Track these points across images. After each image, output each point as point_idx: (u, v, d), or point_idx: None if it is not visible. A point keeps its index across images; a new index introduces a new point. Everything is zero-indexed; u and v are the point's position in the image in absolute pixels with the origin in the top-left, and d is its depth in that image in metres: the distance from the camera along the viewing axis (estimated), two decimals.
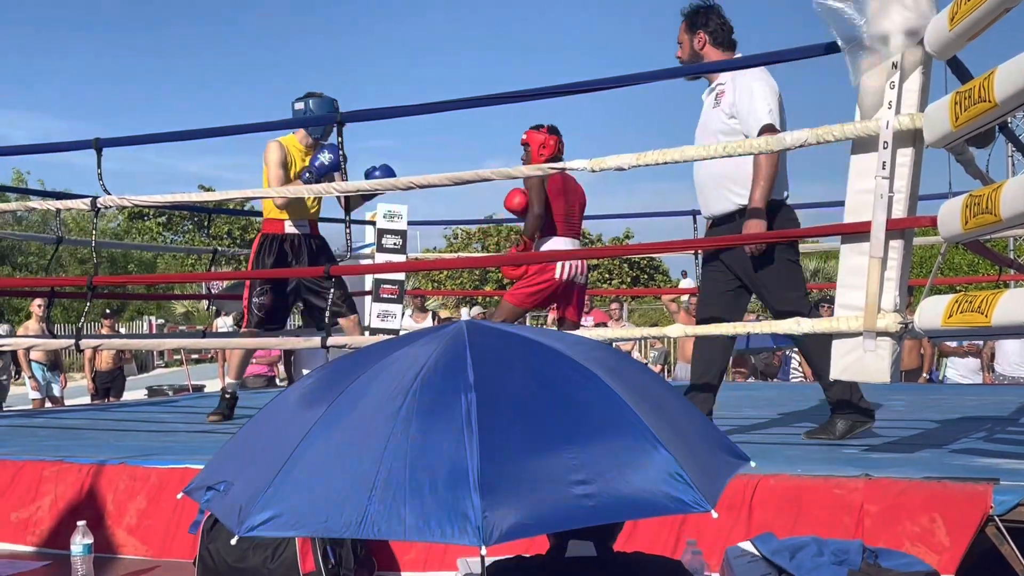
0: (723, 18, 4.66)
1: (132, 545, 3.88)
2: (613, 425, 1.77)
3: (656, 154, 4.26)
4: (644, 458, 1.73)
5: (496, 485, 1.62)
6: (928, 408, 5.97)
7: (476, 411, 1.71)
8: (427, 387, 1.79)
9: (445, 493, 1.63)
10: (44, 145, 8.77)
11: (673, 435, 1.81)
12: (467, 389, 1.75)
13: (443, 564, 3.43)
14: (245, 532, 1.69)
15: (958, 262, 19.42)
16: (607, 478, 1.70)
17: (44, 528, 4.03)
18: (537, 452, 1.71)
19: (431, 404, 1.76)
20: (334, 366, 2.08)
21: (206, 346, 5.67)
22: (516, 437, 1.72)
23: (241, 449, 2.01)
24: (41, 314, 10.73)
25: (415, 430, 1.72)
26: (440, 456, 1.67)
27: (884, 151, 3.62)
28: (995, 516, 2.91)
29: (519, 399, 1.79)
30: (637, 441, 1.75)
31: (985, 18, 3.11)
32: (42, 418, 6.99)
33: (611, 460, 1.72)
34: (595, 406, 1.80)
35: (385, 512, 1.64)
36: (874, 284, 3.65)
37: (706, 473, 1.82)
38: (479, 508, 1.58)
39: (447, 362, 1.84)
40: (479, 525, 1.57)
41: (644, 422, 1.76)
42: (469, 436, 1.67)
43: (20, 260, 31.42)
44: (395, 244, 9.19)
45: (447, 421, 1.71)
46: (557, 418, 1.77)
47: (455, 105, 5.26)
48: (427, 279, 29.67)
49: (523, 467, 1.68)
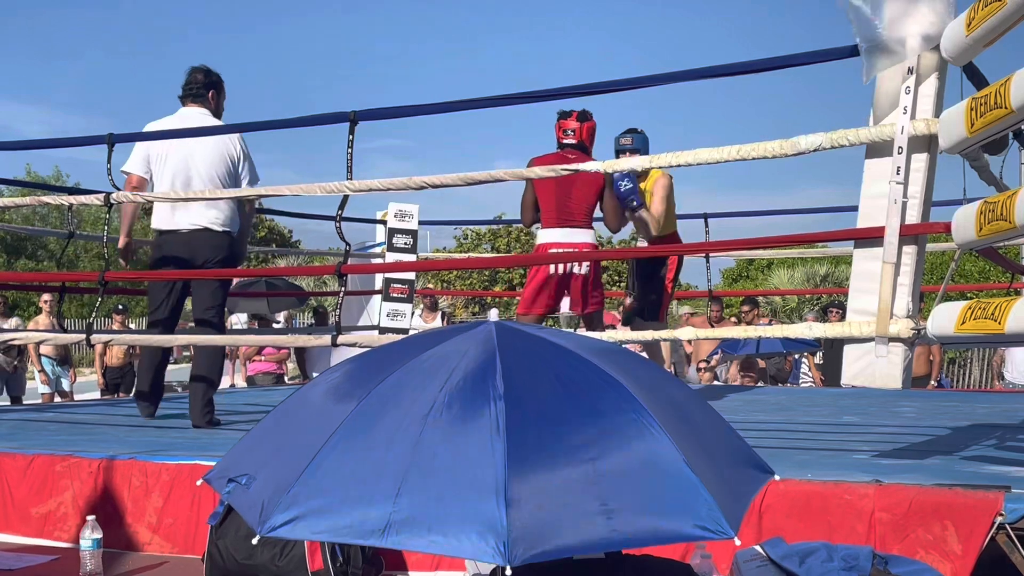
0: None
1: (153, 542, 3.89)
2: (640, 444, 1.75)
3: (668, 156, 4.26)
4: (670, 482, 1.71)
5: (522, 504, 1.60)
6: (938, 415, 5.94)
7: (505, 422, 1.68)
8: (456, 393, 1.77)
9: (471, 508, 1.60)
10: (58, 140, 8.77)
11: (700, 454, 1.79)
12: (496, 398, 1.73)
13: (452, 564, 3.42)
14: (267, 532, 1.67)
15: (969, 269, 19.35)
16: (633, 505, 1.68)
17: (53, 522, 4.04)
18: (564, 469, 1.69)
19: (460, 412, 1.74)
20: (362, 361, 2.05)
21: (216, 343, 5.66)
22: (544, 452, 1.69)
23: (265, 442, 1.97)
24: (49, 309, 10.78)
25: (442, 438, 1.70)
26: (467, 468, 1.65)
27: (899, 156, 3.61)
28: (1006, 524, 2.90)
29: (548, 410, 1.77)
30: (664, 463, 1.73)
31: (1002, 24, 3.10)
32: (52, 412, 7.01)
33: (637, 484, 1.71)
34: (623, 422, 1.78)
35: (409, 522, 1.61)
36: (887, 289, 3.64)
37: (731, 496, 1.80)
38: (505, 528, 1.56)
39: (477, 367, 1.82)
40: (505, 542, 1.54)
41: (671, 441, 1.74)
42: (498, 448, 1.65)
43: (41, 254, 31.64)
44: (406, 244, 9.20)
45: (475, 431, 1.69)
46: (585, 433, 1.75)
47: (468, 105, 5.26)
48: (436, 279, 29.68)
49: (550, 486, 1.66)
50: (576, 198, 5.86)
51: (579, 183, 5.81)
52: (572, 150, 5.84)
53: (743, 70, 4.56)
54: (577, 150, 5.84)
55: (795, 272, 23.90)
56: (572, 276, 5.83)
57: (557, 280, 5.82)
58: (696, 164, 4.33)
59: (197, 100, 5.67)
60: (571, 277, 5.83)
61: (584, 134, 5.88)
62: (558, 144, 5.93)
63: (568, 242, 5.84)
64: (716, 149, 4.27)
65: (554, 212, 5.83)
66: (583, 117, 5.89)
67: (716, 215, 8.95)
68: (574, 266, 5.79)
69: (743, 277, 29.47)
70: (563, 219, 5.84)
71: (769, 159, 4.25)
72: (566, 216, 5.85)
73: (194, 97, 5.67)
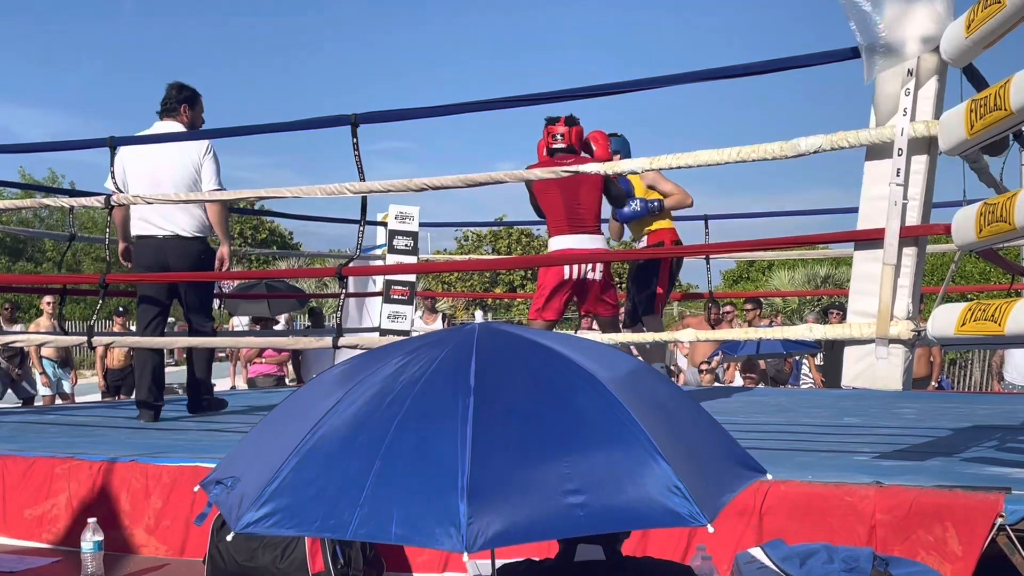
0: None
1: (150, 544, 3.89)
2: (611, 434, 1.76)
3: (669, 158, 4.27)
4: (640, 468, 1.71)
5: (484, 491, 1.61)
6: (939, 416, 5.94)
7: (472, 416, 1.70)
8: (428, 390, 1.80)
9: (433, 498, 1.62)
10: (59, 143, 8.80)
11: (676, 445, 1.80)
12: (466, 393, 1.75)
13: (456, 566, 3.43)
14: (240, 528, 1.71)
15: (969, 270, 19.36)
16: (600, 488, 1.68)
17: (55, 524, 4.04)
18: (530, 459, 1.70)
19: (430, 407, 1.76)
20: (350, 364, 2.08)
21: (217, 345, 5.69)
22: (510, 443, 1.71)
23: (252, 446, 2.03)
24: (51, 311, 10.79)
25: (411, 433, 1.73)
26: (432, 460, 1.67)
27: (899, 158, 3.62)
28: (1006, 525, 2.90)
29: (518, 405, 1.78)
30: (635, 451, 1.73)
31: (1002, 26, 3.10)
32: (52, 414, 7.01)
33: (605, 469, 1.71)
34: (595, 414, 1.79)
35: (375, 515, 1.64)
36: (887, 291, 3.64)
37: (708, 485, 1.80)
38: (464, 514, 1.58)
39: (451, 365, 1.85)
40: (463, 532, 1.56)
41: (645, 431, 1.75)
42: (463, 440, 1.67)
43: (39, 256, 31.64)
44: (406, 245, 9.21)
45: (443, 424, 1.71)
46: (554, 425, 1.76)
47: (469, 107, 5.27)
48: (437, 281, 29.69)
49: (514, 474, 1.67)
50: (585, 203, 5.84)
51: (585, 186, 5.80)
52: (564, 154, 5.83)
53: (744, 72, 4.57)
54: (569, 154, 5.83)
55: (796, 273, 23.91)
56: (587, 281, 5.81)
57: (571, 285, 5.81)
58: (696, 166, 4.34)
59: (169, 114, 6.01)
60: (586, 282, 5.82)
61: (573, 138, 5.89)
62: (548, 150, 5.92)
63: (583, 248, 5.79)
64: (716, 151, 4.28)
65: (564, 218, 5.81)
66: (570, 122, 5.90)
67: (716, 217, 8.97)
68: (588, 271, 5.77)
69: (744, 278, 29.48)
70: (574, 225, 5.81)
71: (769, 161, 4.27)
72: (577, 222, 5.82)
73: (167, 112, 6.03)
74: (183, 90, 6.04)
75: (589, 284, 5.83)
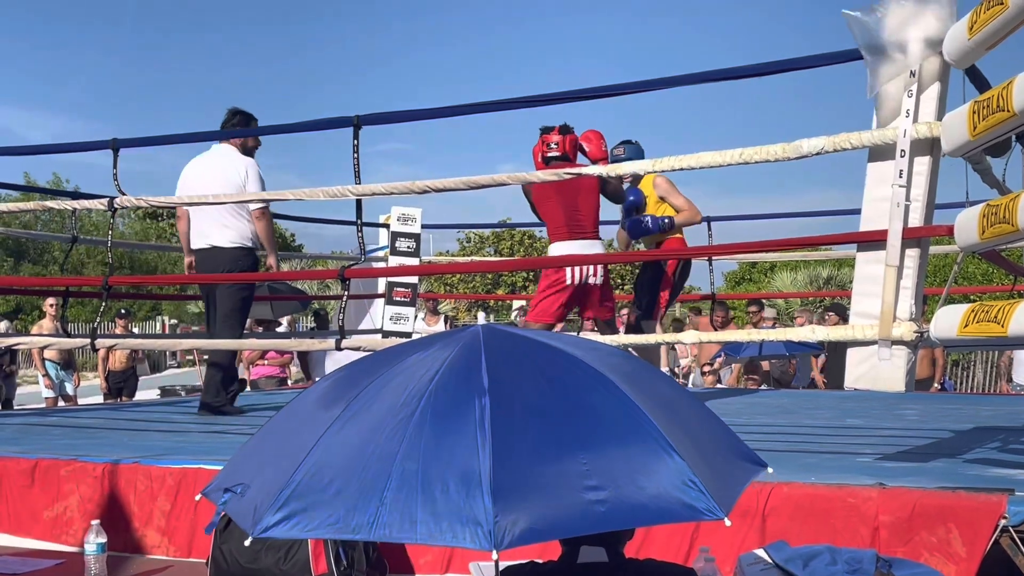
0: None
1: (152, 546, 3.90)
2: (626, 430, 1.77)
3: (671, 160, 4.27)
4: (657, 464, 1.72)
5: (508, 490, 1.62)
6: (942, 417, 5.94)
7: (490, 415, 1.71)
8: (442, 391, 1.80)
9: (457, 497, 1.63)
10: (62, 145, 8.83)
11: (688, 441, 1.81)
12: (481, 393, 1.75)
13: (458, 567, 3.43)
14: (259, 533, 1.70)
15: (972, 271, 19.32)
16: (619, 484, 1.69)
17: (57, 526, 4.05)
18: (550, 457, 1.71)
19: (445, 408, 1.76)
20: (352, 368, 2.09)
21: (219, 347, 5.71)
22: (529, 441, 1.72)
23: (258, 451, 2.02)
24: (54, 313, 10.80)
25: (428, 433, 1.72)
26: (453, 460, 1.68)
27: (901, 159, 3.62)
28: (1010, 527, 2.90)
29: (533, 404, 1.79)
30: (650, 447, 1.74)
31: (1004, 27, 3.10)
32: (56, 416, 7.02)
33: (624, 466, 1.72)
34: (609, 411, 1.80)
35: (397, 515, 1.64)
36: (890, 292, 3.64)
37: (721, 480, 1.81)
38: (491, 512, 1.58)
39: (462, 366, 1.85)
40: (490, 529, 1.57)
41: (658, 428, 1.76)
42: (482, 440, 1.68)
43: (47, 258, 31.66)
44: (409, 247, 9.20)
45: (461, 425, 1.72)
46: (570, 423, 1.77)
47: (472, 109, 5.27)
48: (439, 282, 29.69)
49: (535, 472, 1.68)
50: (584, 209, 5.89)
51: (584, 192, 5.84)
52: (559, 163, 5.83)
53: (746, 74, 4.57)
54: (563, 162, 5.84)
55: (798, 275, 23.88)
56: (589, 286, 5.86)
57: (573, 290, 5.83)
58: (699, 167, 4.34)
59: (225, 138, 6.24)
60: (588, 287, 5.86)
61: (567, 146, 5.90)
62: (543, 159, 5.92)
63: (584, 255, 5.85)
64: (719, 152, 4.28)
65: (564, 224, 5.86)
66: (565, 131, 5.92)
67: (719, 218, 8.96)
68: (590, 276, 5.81)
69: (746, 280, 29.45)
70: (574, 231, 5.86)
71: (772, 162, 4.27)
72: (577, 229, 5.87)
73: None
74: (235, 115, 6.27)
75: (590, 289, 5.88)
